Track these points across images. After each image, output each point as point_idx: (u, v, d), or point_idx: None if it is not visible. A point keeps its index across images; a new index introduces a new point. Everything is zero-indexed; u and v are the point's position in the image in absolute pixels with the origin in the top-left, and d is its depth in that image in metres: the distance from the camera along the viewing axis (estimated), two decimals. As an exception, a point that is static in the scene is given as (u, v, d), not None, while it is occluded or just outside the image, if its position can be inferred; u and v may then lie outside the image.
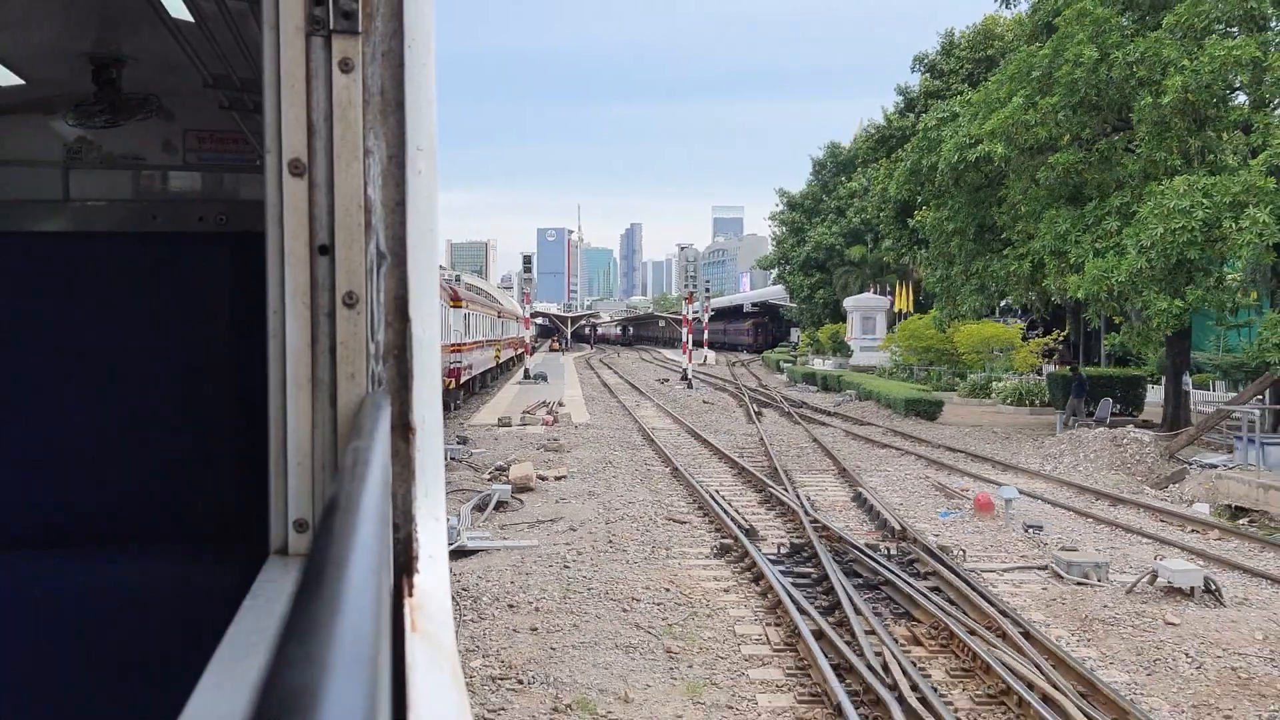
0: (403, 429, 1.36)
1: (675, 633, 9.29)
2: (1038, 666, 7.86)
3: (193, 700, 0.91)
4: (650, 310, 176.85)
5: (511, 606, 10.07)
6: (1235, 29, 19.93)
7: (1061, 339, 38.52)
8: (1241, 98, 21.12)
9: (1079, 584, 10.89)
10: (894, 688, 7.37)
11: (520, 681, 7.97)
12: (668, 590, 10.73)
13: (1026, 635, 8.74)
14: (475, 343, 34.62)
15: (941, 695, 7.56)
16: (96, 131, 3.24)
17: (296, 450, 1.36)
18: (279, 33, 1.31)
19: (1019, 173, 23.75)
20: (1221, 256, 19.89)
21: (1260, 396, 20.62)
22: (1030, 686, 7.43)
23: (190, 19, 2.91)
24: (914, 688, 7.42)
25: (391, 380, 1.37)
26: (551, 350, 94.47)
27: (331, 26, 1.31)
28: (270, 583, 1.26)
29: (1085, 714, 6.90)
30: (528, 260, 45.94)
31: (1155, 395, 29.34)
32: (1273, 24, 19.84)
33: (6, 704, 2.37)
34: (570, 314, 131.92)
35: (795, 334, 79.78)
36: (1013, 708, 7.37)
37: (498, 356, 41.17)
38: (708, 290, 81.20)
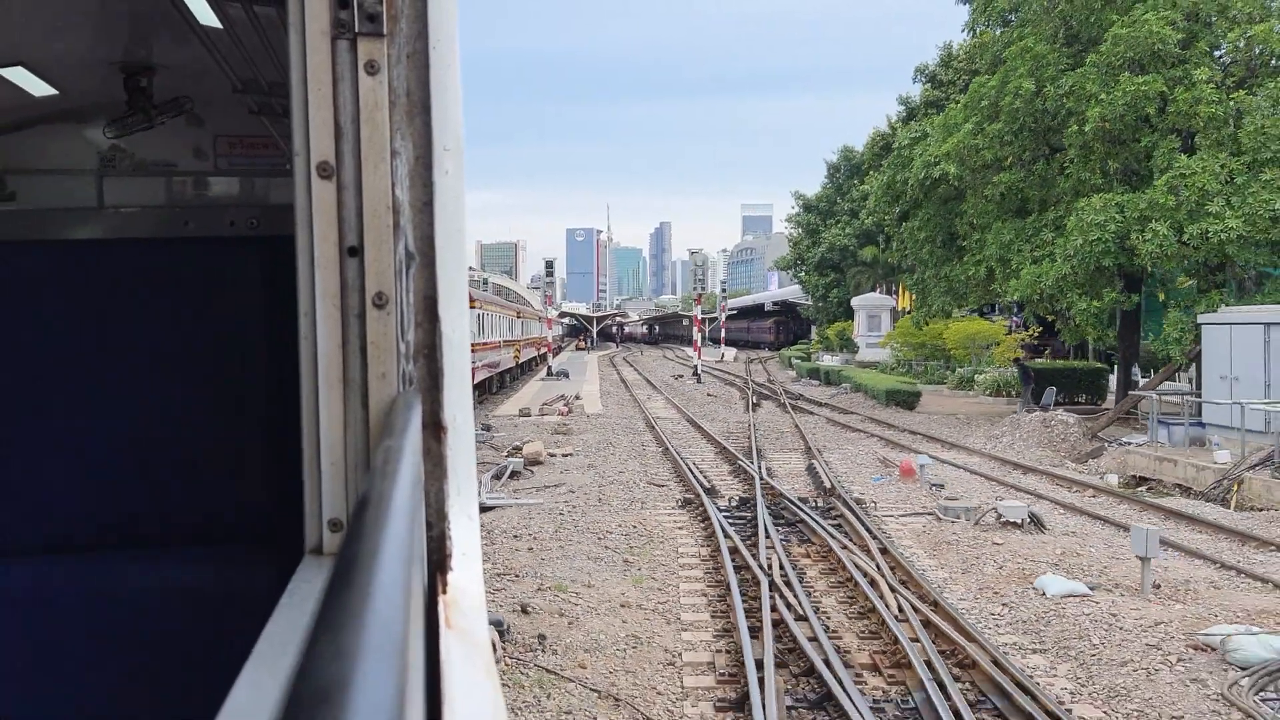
0: (434, 427, 1.37)
1: (633, 551, 12.78)
2: (878, 567, 11.27)
3: (230, 698, 0.91)
4: (679, 309, 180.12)
5: (515, 537, 13.61)
6: (1146, 67, 23.05)
7: (1037, 334, 41.49)
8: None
9: (951, 522, 14.26)
10: (768, 573, 10.82)
11: (517, 576, 11.49)
12: (635, 528, 14.22)
13: (884, 550, 12.15)
14: (489, 344, 37.54)
15: (805, 582, 11.00)
16: (129, 139, 3.28)
17: (330, 450, 1.36)
18: (305, 36, 1.32)
19: (972, 189, 27.01)
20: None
21: (1173, 379, 23.74)
22: (865, 575, 10.84)
23: (218, 25, 2.93)
24: (784, 577, 10.85)
25: (422, 379, 1.38)
26: (577, 349, 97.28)
27: (357, 29, 1.32)
28: (305, 582, 1.27)
29: (892, 588, 10.30)
30: (549, 264, 49.55)
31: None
32: (1179, 64, 22.93)
33: (50, 702, 2.40)
34: (596, 314, 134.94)
35: (815, 332, 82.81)
36: (850, 587, 10.78)
37: (517, 356, 44.43)
38: (724, 290, 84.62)
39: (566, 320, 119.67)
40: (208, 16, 2.85)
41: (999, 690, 7.54)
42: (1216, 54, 22.92)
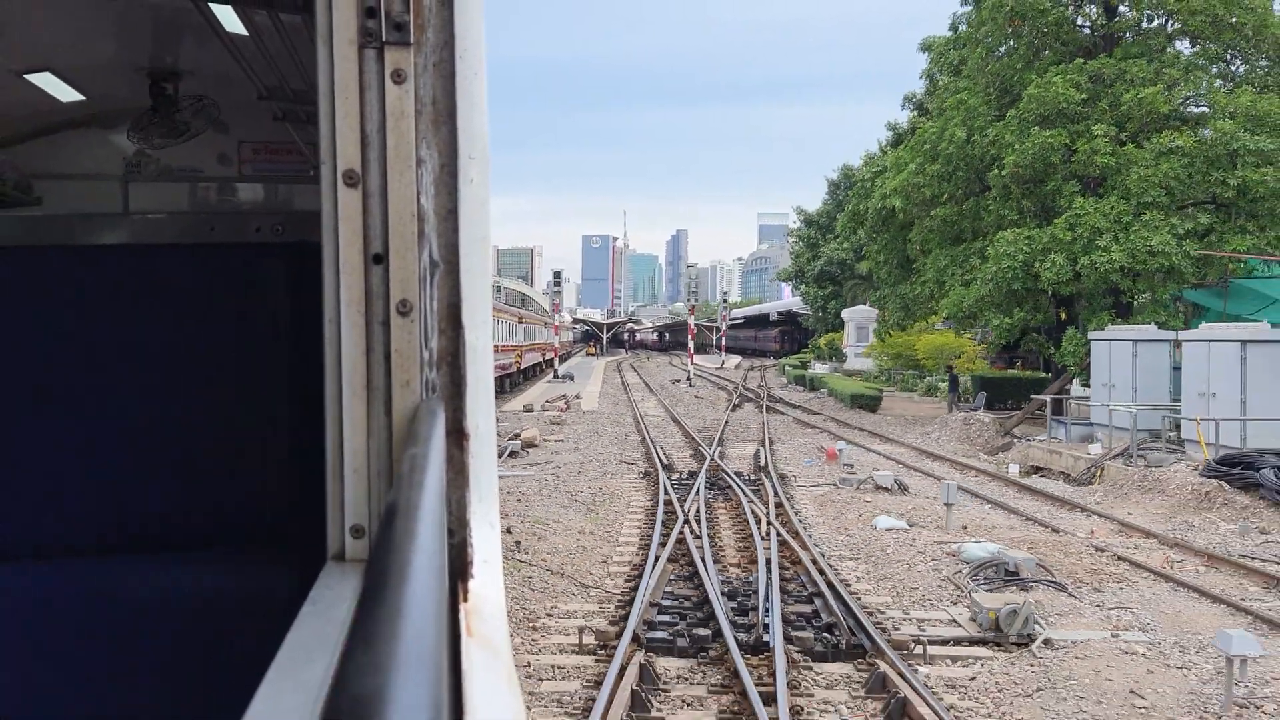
0: (457, 435, 1.38)
1: (596, 504, 17.07)
2: (767, 512, 15.51)
3: (254, 705, 0.92)
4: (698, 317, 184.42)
5: (507, 494, 17.92)
6: (1054, 122, 27.23)
7: (1003, 346, 45.50)
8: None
9: (845, 488, 18.46)
10: (687, 515, 15.10)
11: (505, 515, 15.80)
12: (601, 490, 18.51)
13: (779, 504, 16.40)
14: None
15: (712, 521, 15.26)
16: (155, 145, 3.32)
17: (353, 457, 1.37)
18: (332, 46, 1.33)
19: (917, 220, 31.26)
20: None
21: (1067, 389, 27.87)
22: (755, 518, 15.09)
23: (244, 32, 2.95)
24: (698, 517, 15.12)
25: (445, 387, 1.39)
26: (587, 355, 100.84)
27: (384, 39, 1.33)
28: (329, 588, 1.26)
29: (770, 524, 14.53)
30: (557, 275, 54.00)
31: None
32: (1081, 120, 27.11)
33: (61, 708, 2.40)
34: (606, 320, 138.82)
35: (810, 342, 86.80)
36: (743, 524, 15.04)
37: (518, 361, 48.27)
38: (725, 301, 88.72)
39: (579, 327, 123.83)
40: (234, 24, 2.86)
41: (809, 574, 11.75)
42: (1115, 111, 26.99)
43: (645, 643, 9.22)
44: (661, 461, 21.66)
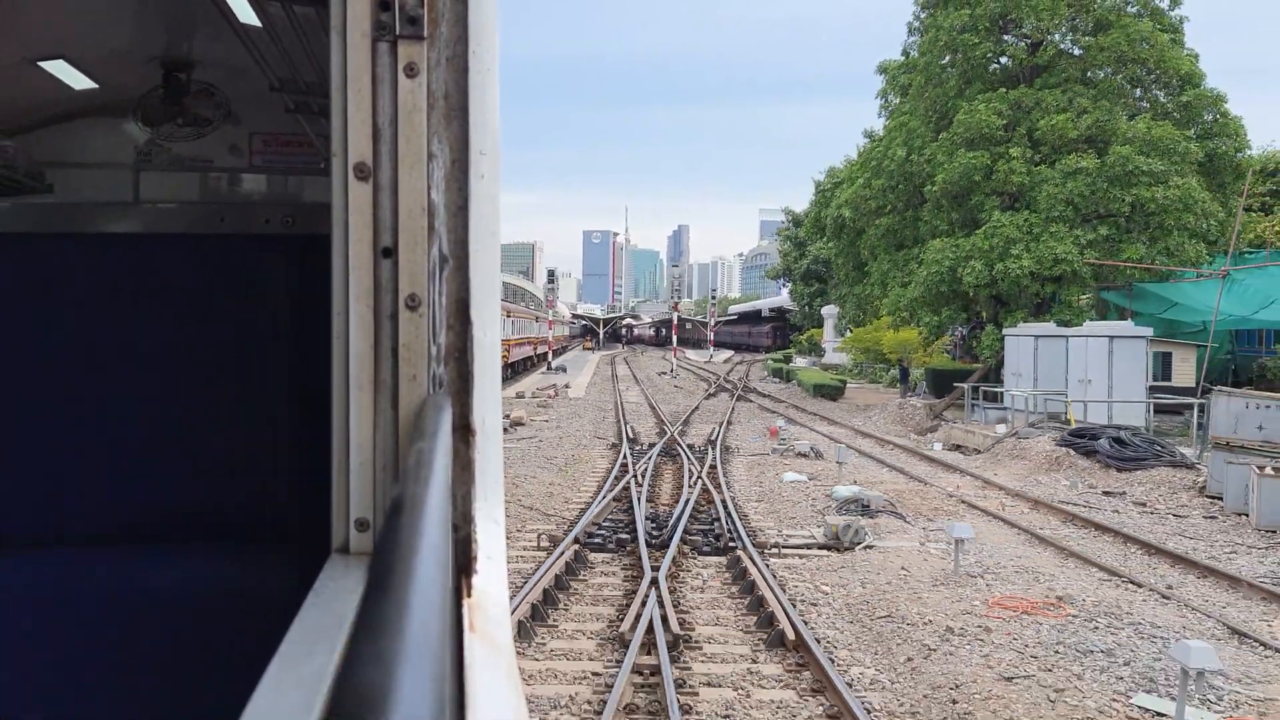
0: (463, 431, 1.39)
1: (567, 466, 20.99)
2: (699, 470, 19.42)
3: (255, 697, 0.92)
4: (692, 313, 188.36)
5: (496, 458, 21.91)
6: (978, 145, 31.11)
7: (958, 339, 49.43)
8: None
9: (775, 455, 22.37)
10: (637, 473, 19.04)
11: (493, 472, 19.81)
12: (573, 456, 22.43)
13: (712, 466, 20.34)
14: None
15: (656, 476, 19.19)
16: (166, 134, 3.32)
17: (359, 451, 1.37)
18: (345, 38, 1.33)
19: (865, 229, 35.19)
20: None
21: (986, 378, 31.78)
22: (690, 473, 19.01)
23: (258, 24, 2.97)
24: (644, 474, 19.05)
25: (452, 382, 1.39)
26: (584, 349, 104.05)
27: (398, 32, 1.33)
28: (333, 581, 1.26)
29: (699, 477, 18.44)
30: (551, 273, 57.89)
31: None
32: (1002, 144, 30.98)
33: (66, 702, 2.40)
34: (604, 316, 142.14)
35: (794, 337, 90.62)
36: (679, 478, 18.96)
37: (505, 356, 51.29)
38: (713, 298, 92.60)
39: (579, 322, 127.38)
40: (247, 15, 2.89)
41: (717, 509, 15.63)
42: (1031, 135, 30.89)
43: (583, 541, 13.17)
44: (629, 437, 25.59)
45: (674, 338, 56.70)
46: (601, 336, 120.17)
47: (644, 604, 10.04)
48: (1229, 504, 16.20)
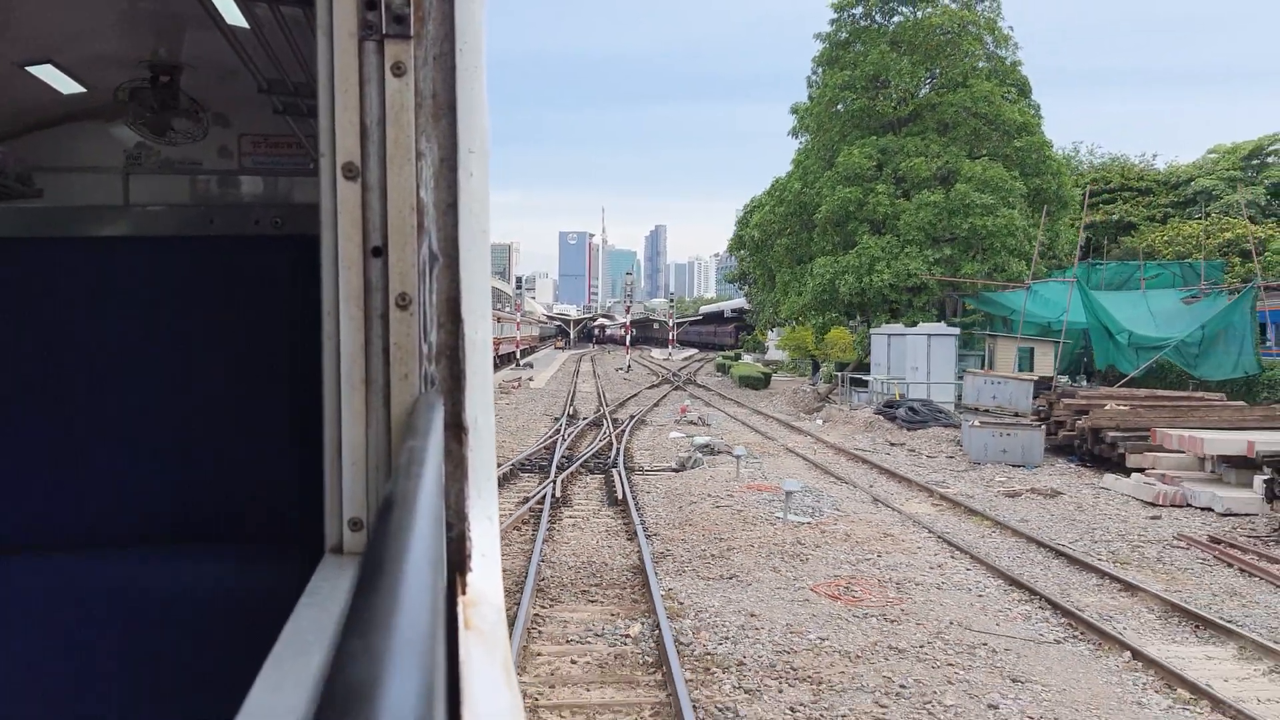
0: (456, 429, 1.39)
1: (515, 434, 28.50)
2: (613, 436, 26.97)
3: (250, 698, 0.92)
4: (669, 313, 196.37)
5: (466, 427, 29.39)
6: (853, 182, 38.87)
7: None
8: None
9: (675, 425, 29.95)
10: (566, 437, 26.58)
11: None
12: (522, 427, 29.93)
13: (624, 432, 27.91)
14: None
15: (579, 441, 26.76)
16: (155, 137, 3.31)
17: (351, 450, 1.38)
18: (333, 38, 1.33)
19: (772, 247, 42.95)
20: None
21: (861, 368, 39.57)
22: (604, 439, 26.57)
23: (245, 25, 2.95)
24: (573, 438, 26.59)
25: (444, 380, 1.39)
26: (556, 348, 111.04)
27: (384, 31, 1.33)
28: (326, 581, 1.27)
29: (611, 442, 25.98)
30: (519, 279, 65.28)
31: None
32: (872, 180, 38.77)
33: (63, 704, 2.40)
34: (575, 317, 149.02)
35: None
36: (599, 441, 26.53)
37: None
38: (671, 300, 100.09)
39: (553, 322, 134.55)
40: (235, 16, 2.88)
41: (614, 451, 23.13)
42: (895, 174, 38.71)
43: (517, 467, 20.74)
44: (571, 415, 33.15)
45: (628, 337, 64.33)
46: (573, 336, 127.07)
47: (545, 490, 17.59)
48: (964, 449, 23.93)
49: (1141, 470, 19.14)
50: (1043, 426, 23.23)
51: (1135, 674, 8.94)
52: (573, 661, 8.86)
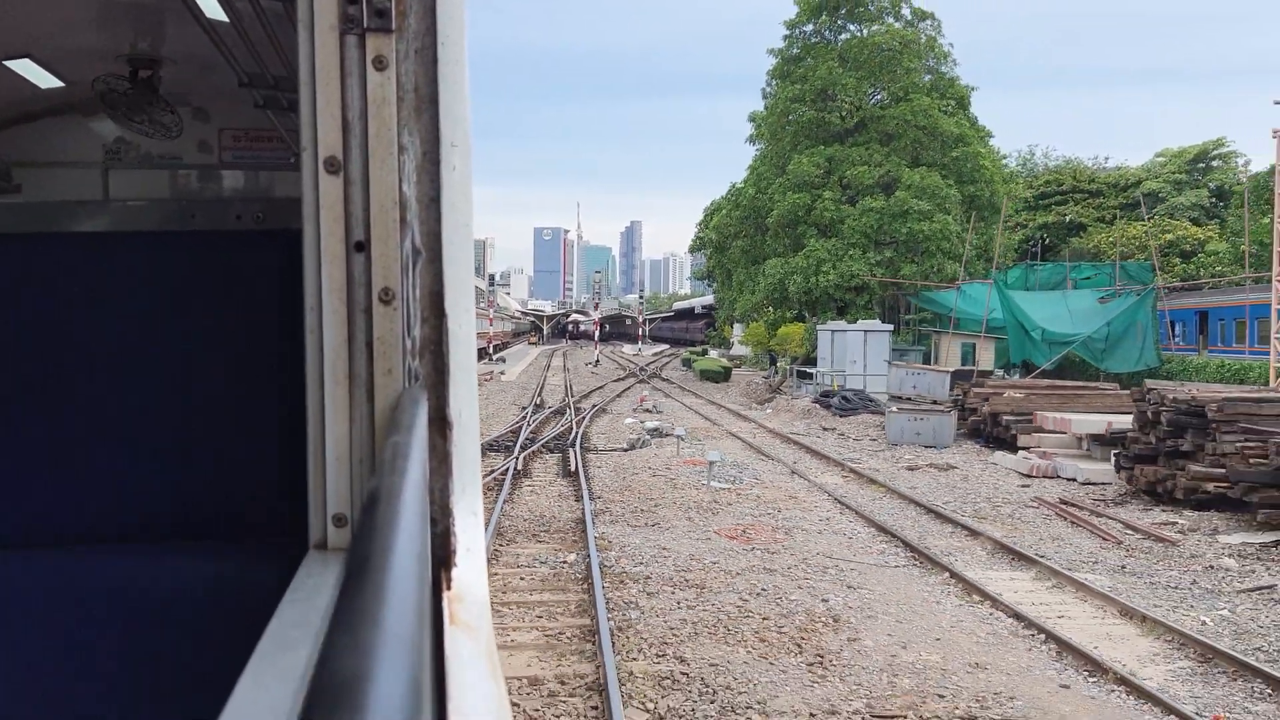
0: (440, 424, 1.38)
1: (487, 420, 31.13)
2: (572, 422, 29.74)
3: (236, 694, 0.92)
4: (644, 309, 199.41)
5: (440, 415, 32.08)
6: (802, 189, 41.82)
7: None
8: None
9: (633, 415, 32.73)
10: (529, 422, 29.34)
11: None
12: (494, 415, 32.59)
13: (582, 419, 30.70)
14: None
15: (543, 425, 29.52)
16: (134, 132, 3.29)
17: (335, 446, 1.38)
18: (314, 32, 1.33)
19: (729, 248, 45.86)
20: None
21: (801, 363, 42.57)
22: (565, 425, 29.34)
23: (225, 19, 2.94)
24: (537, 423, 29.34)
25: (428, 375, 1.38)
26: (529, 344, 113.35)
27: (366, 25, 1.33)
28: (310, 577, 1.28)
29: (570, 426, 28.75)
30: (491, 277, 67.87)
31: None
32: (820, 187, 41.75)
33: (48, 702, 2.40)
34: (552, 312, 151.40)
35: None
36: (562, 425, 29.30)
37: None
38: (642, 297, 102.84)
39: (527, 318, 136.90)
40: (215, 10, 2.87)
41: (574, 435, 25.88)
42: (841, 182, 41.71)
43: (484, 448, 23.45)
44: (538, 404, 35.87)
45: (596, 333, 67.20)
46: (546, 332, 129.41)
47: (508, 465, 20.32)
48: (886, 432, 26.88)
49: (1028, 449, 22.14)
50: (954, 412, 26.22)
51: (946, 586, 11.82)
52: (522, 578, 11.62)
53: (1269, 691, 8.68)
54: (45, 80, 3.15)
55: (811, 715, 7.68)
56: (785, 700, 7.97)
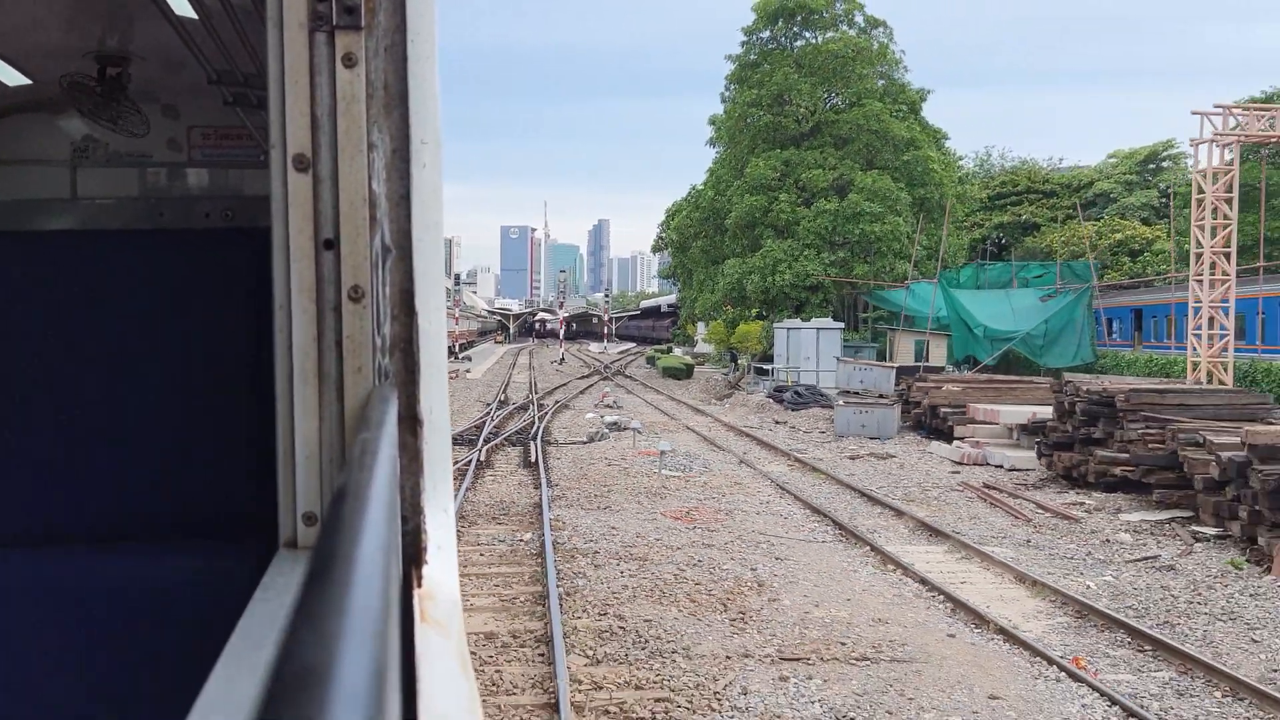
0: (410, 421, 1.38)
1: (454, 414, 32.04)
2: (535, 417, 30.89)
3: (204, 691, 0.92)
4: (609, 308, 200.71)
5: (407, 411, 33.09)
6: (759, 191, 43.19)
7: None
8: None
9: (594, 410, 33.90)
10: (492, 417, 30.44)
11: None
12: (458, 410, 33.61)
13: (545, 415, 31.83)
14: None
15: (507, 419, 30.63)
16: (103, 130, 3.28)
17: (304, 444, 1.38)
18: (283, 29, 1.33)
19: (690, 248, 47.16)
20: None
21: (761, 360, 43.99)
22: (528, 420, 30.47)
23: (194, 16, 2.94)
24: (500, 418, 30.45)
25: (398, 373, 1.38)
26: (495, 343, 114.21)
27: (335, 22, 1.33)
28: (280, 575, 1.28)
29: (534, 420, 29.89)
30: (457, 277, 68.68)
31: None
32: (776, 189, 43.13)
33: (21, 700, 2.39)
34: (514, 311, 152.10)
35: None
36: (525, 420, 30.42)
37: None
38: (607, 297, 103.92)
39: (494, 317, 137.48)
40: (184, 7, 2.87)
41: (536, 429, 27.02)
42: (797, 184, 43.13)
43: (458, 439, 24.54)
44: (502, 401, 36.95)
45: (561, 331, 68.37)
46: (513, 331, 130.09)
47: (472, 457, 21.43)
48: (834, 424, 28.26)
49: (963, 439, 23.58)
50: (898, 405, 27.65)
51: (865, 558, 13.14)
52: (481, 554, 12.78)
53: (1128, 639, 10.05)
54: (12, 78, 3.14)
55: (728, 657, 8.93)
56: (707, 647, 9.21)
